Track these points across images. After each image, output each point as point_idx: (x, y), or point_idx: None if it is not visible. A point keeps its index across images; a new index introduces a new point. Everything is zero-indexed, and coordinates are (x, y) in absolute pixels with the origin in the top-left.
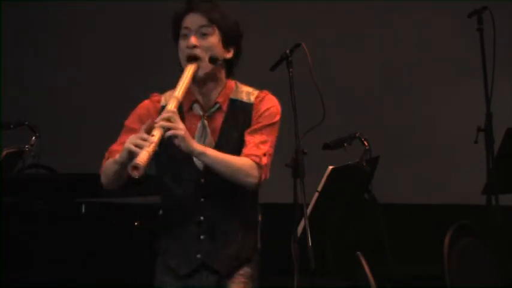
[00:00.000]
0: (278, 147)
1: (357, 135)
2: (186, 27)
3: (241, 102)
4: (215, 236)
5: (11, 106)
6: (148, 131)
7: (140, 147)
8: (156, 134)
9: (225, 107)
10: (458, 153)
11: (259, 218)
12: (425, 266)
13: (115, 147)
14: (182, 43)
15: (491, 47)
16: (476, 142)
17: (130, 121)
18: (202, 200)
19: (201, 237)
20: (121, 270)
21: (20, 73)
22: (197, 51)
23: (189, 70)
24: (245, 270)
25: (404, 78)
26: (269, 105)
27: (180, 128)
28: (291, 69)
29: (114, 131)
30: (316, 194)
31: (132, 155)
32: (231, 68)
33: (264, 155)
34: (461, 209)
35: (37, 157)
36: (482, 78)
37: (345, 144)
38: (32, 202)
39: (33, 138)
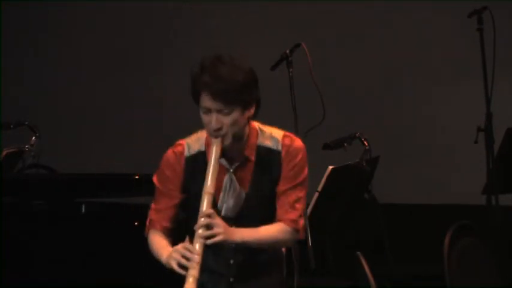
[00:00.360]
0: None
1: (357, 135)
2: (205, 108)
3: (269, 150)
4: (245, 277)
5: (11, 106)
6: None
7: (184, 267)
8: (199, 248)
9: (252, 157)
10: (458, 153)
11: (284, 251)
12: (425, 266)
13: (154, 216)
14: (205, 118)
15: (491, 47)
16: (476, 142)
17: (160, 183)
18: (233, 245)
19: (231, 279)
20: (121, 270)
21: (20, 73)
22: (221, 132)
23: (216, 149)
24: None
25: (404, 78)
26: (299, 156)
27: (220, 232)
28: (291, 69)
29: (114, 131)
30: (316, 194)
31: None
32: (256, 113)
33: (300, 216)
34: (461, 209)
35: (37, 157)
36: (482, 78)
37: (345, 144)
38: (32, 202)
39: (33, 138)
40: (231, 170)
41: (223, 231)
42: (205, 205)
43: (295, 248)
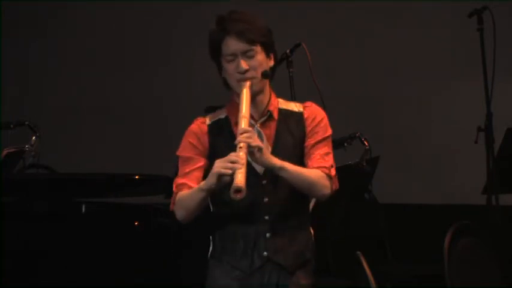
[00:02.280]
0: None
1: (357, 135)
2: (230, 54)
3: (291, 112)
4: (280, 233)
5: (11, 106)
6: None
7: (232, 169)
8: (243, 152)
9: (275, 116)
10: (458, 153)
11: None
12: (425, 266)
13: (181, 180)
14: (230, 67)
15: (491, 47)
16: (476, 142)
17: (184, 151)
18: (265, 200)
19: (267, 235)
20: (121, 270)
21: (20, 73)
22: (248, 75)
23: (246, 90)
24: (306, 270)
25: (405, 78)
26: (322, 116)
27: (260, 143)
28: (291, 69)
29: (114, 131)
30: None
31: (221, 179)
32: (273, 74)
33: (332, 166)
34: (461, 209)
35: (37, 157)
36: (482, 78)
37: (345, 144)
38: (32, 202)
39: (33, 138)
40: (257, 125)
41: (263, 144)
42: (244, 124)
43: None
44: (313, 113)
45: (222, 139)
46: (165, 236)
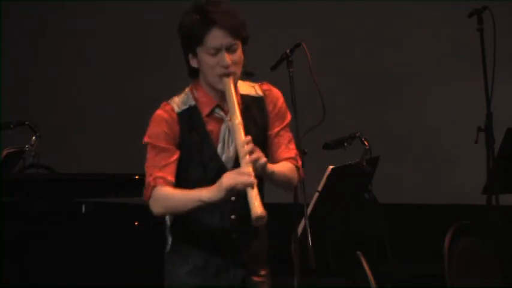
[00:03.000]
0: None
1: (357, 135)
2: (214, 47)
3: (253, 98)
4: (245, 233)
5: (11, 106)
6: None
7: (245, 186)
8: (251, 168)
9: (240, 104)
10: (458, 153)
11: None
12: (425, 266)
13: (158, 173)
14: (211, 60)
15: (491, 47)
16: (476, 142)
17: (158, 140)
18: (233, 198)
19: (233, 235)
20: (121, 270)
21: (20, 73)
22: (231, 69)
23: (232, 90)
24: (266, 269)
25: (405, 78)
26: (281, 99)
27: (263, 155)
28: (291, 69)
29: (114, 131)
30: (316, 194)
31: (232, 192)
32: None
33: (297, 155)
34: (461, 209)
35: (37, 157)
36: (482, 78)
37: (345, 144)
38: (32, 202)
39: (34, 138)
40: (227, 119)
41: (264, 156)
42: (241, 134)
43: (295, 248)
44: (274, 97)
45: (192, 130)
46: (164, 235)
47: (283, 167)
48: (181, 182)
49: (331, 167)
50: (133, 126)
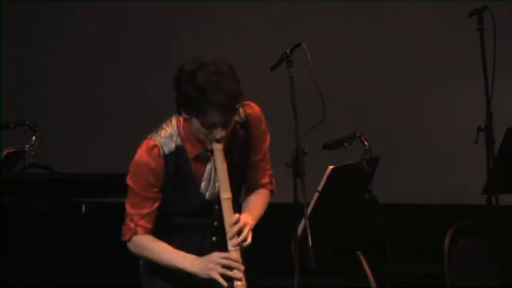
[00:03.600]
0: (278, 147)
1: (357, 135)
2: (211, 125)
3: (237, 122)
4: (224, 237)
5: (11, 106)
6: None
7: (231, 276)
8: (238, 253)
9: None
10: (458, 153)
11: None
12: (425, 266)
13: (139, 220)
14: (205, 131)
15: (491, 47)
16: (476, 142)
17: (143, 189)
18: (215, 223)
19: (213, 238)
20: (121, 270)
21: (20, 73)
22: (222, 140)
23: (222, 158)
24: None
25: (405, 78)
26: (263, 120)
27: (248, 232)
28: (291, 69)
29: (114, 131)
30: (316, 194)
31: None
32: None
33: (271, 175)
34: (461, 209)
35: (37, 157)
36: (482, 78)
37: (345, 144)
38: (32, 202)
39: (34, 138)
40: (213, 158)
41: (249, 228)
42: (229, 212)
43: (295, 248)
44: (258, 120)
45: (178, 172)
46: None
47: (260, 205)
48: (164, 214)
49: (331, 167)
50: (134, 126)
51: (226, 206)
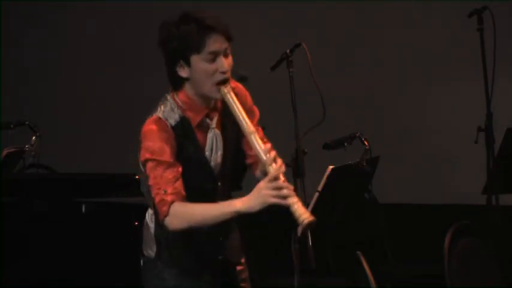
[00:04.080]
0: (278, 147)
1: (357, 135)
2: (213, 52)
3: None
4: (227, 231)
5: (11, 106)
6: None
7: (285, 197)
8: (284, 178)
9: (219, 106)
10: (458, 153)
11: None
12: (425, 266)
13: (171, 188)
14: (210, 67)
15: (491, 47)
16: (476, 142)
17: (164, 155)
18: (219, 184)
19: (220, 238)
20: (121, 270)
21: (20, 73)
22: (228, 75)
23: (233, 96)
24: (243, 258)
25: (405, 78)
26: (248, 95)
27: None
28: (291, 69)
29: (114, 130)
30: (316, 194)
31: (263, 205)
32: None
33: (271, 147)
34: (461, 209)
35: (37, 157)
36: (482, 78)
37: (345, 144)
38: (32, 202)
39: (34, 138)
40: (213, 126)
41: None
42: (257, 143)
43: (295, 248)
44: (243, 94)
45: (186, 142)
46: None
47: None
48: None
49: (331, 167)
50: (134, 126)
51: (253, 139)
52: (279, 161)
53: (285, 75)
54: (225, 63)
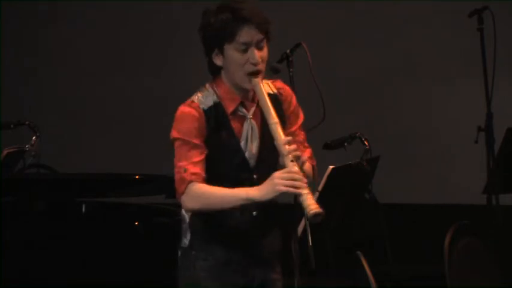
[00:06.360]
0: None
1: (357, 135)
2: (245, 43)
3: (269, 95)
4: (264, 229)
5: (11, 106)
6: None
7: (297, 187)
8: (298, 166)
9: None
10: (458, 153)
11: None
12: (425, 266)
13: (194, 169)
14: (241, 57)
15: (491, 47)
16: (476, 142)
17: (191, 136)
18: (255, 176)
19: (254, 231)
20: (121, 270)
21: (20, 73)
22: (260, 67)
23: (262, 87)
24: (280, 266)
25: (405, 78)
26: (294, 98)
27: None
28: (291, 69)
29: (114, 131)
30: (316, 194)
31: (275, 193)
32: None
33: (312, 154)
34: (461, 209)
35: (37, 157)
36: (482, 78)
37: (345, 144)
38: (32, 202)
39: (34, 138)
40: (250, 117)
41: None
42: (281, 133)
43: (295, 248)
44: (289, 96)
45: (218, 127)
46: (165, 236)
47: (307, 168)
48: (207, 181)
49: (331, 167)
50: (134, 126)
51: (276, 130)
52: (298, 153)
53: (285, 75)
54: (256, 55)
